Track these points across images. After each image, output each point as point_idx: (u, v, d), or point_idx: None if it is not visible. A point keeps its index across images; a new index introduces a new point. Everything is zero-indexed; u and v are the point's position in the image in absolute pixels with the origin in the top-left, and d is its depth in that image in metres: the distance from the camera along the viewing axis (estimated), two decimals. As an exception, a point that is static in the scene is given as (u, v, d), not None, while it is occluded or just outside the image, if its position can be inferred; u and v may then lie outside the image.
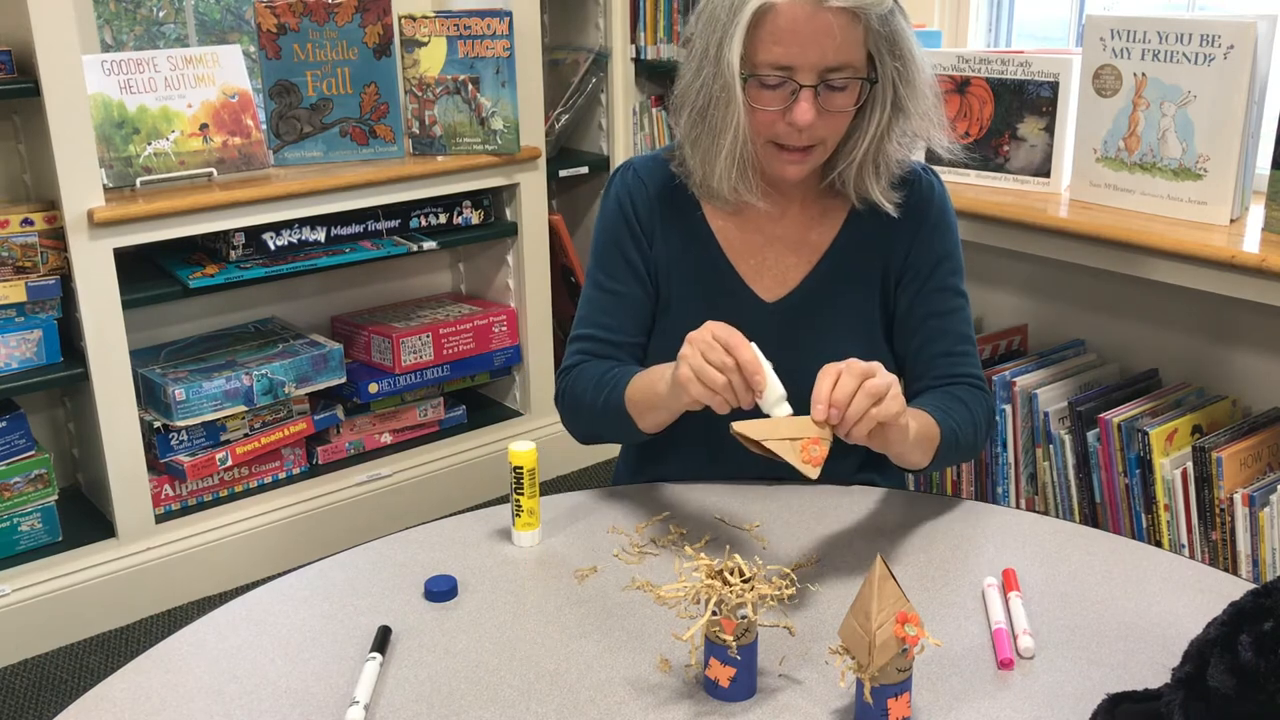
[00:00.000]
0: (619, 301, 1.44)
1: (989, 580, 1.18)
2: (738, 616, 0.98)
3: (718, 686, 1.01)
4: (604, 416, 1.37)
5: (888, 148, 1.36)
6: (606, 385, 1.37)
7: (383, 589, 1.20)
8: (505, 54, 2.62)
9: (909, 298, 1.43)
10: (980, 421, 1.40)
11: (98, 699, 1.04)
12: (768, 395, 1.15)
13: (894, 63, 1.30)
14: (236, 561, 2.53)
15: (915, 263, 1.43)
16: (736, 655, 0.99)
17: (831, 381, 1.12)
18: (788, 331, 1.42)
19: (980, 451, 1.90)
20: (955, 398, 1.39)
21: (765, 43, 1.26)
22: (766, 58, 1.26)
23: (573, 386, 1.42)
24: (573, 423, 1.45)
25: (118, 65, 2.35)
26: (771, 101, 1.29)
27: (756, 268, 1.43)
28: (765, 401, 1.15)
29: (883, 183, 1.38)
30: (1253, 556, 1.91)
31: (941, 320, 1.43)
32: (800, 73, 1.26)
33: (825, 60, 1.26)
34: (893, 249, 1.43)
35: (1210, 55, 1.91)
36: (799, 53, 1.25)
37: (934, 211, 1.44)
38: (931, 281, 1.43)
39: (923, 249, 1.42)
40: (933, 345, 1.43)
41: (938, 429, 1.29)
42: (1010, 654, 1.06)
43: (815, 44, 1.25)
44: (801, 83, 1.27)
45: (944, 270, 1.43)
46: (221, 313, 2.72)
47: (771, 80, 1.27)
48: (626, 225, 1.44)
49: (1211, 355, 2.20)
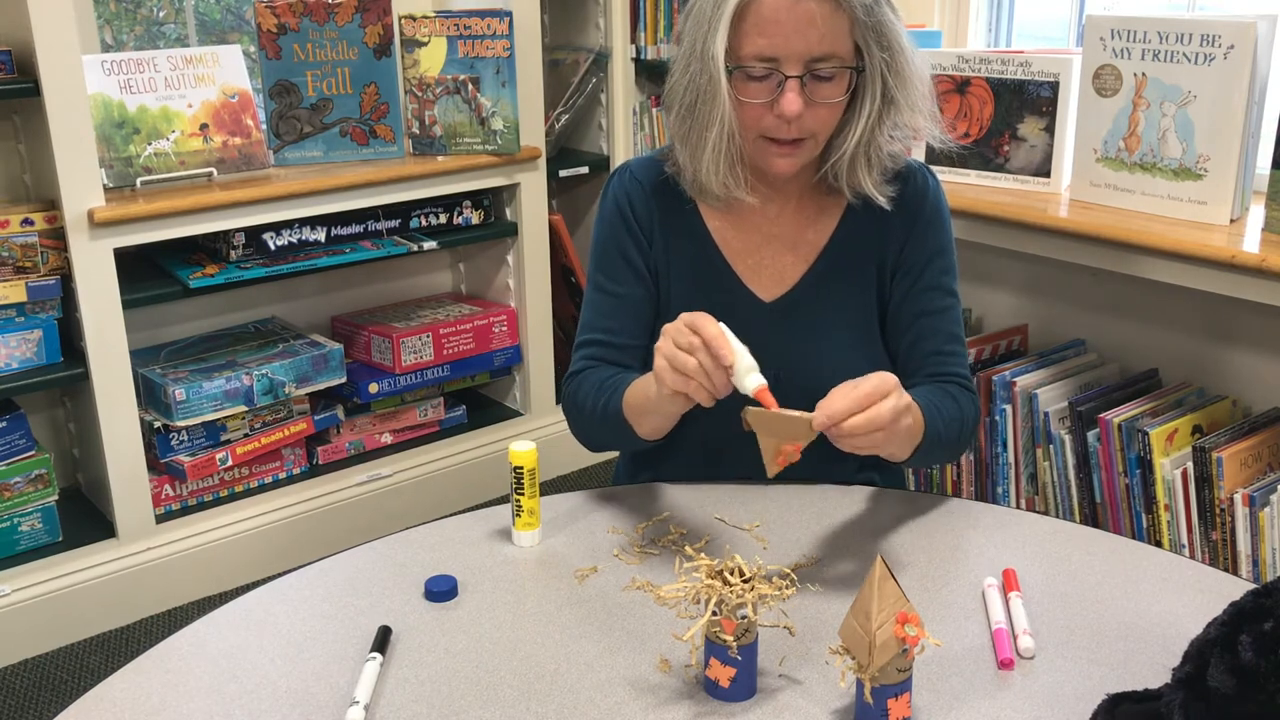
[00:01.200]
0: (621, 304, 1.44)
1: (989, 580, 1.18)
2: (738, 616, 0.98)
3: (718, 687, 1.01)
4: (604, 423, 1.37)
5: (879, 139, 1.35)
6: (606, 392, 1.37)
7: (383, 589, 1.20)
8: (505, 54, 2.63)
9: (901, 294, 1.43)
10: (968, 421, 1.40)
11: (98, 699, 1.04)
12: (737, 366, 1.14)
13: (882, 54, 1.30)
14: (236, 561, 2.53)
15: (909, 258, 1.43)
16: (737, 655, 0.99)
17: (845, 401, 1.12)
18: (786, 330, 1.42)
19: (963, 454, 1.91)
20: (948, 394, 1.39)
21: (750, 34, 1.26)
22: (751, 49, 1.27)
23: (575, 393, 1.43)
24: (577, 429, 1.45)
25: (118, 65, 2.35)
26: (759, 94, 1.29)
27: (754, 267, 1.43)
28: (736, 374, 1.14)
29: (874, 175, 1.38)
30: (1253, 556, 1.91)
31: (932, 319, 1.43)
32: (786, 64, 1.26)
33: (810, 50, 1.26)
34: (888, 244, 1.43)
35: (1210, 55, 1.91)
36: (783, 43, 1.25)
37: (929, 208, 1.44)
38: (923, 279, 1.43)
39: (917, 245, 1.43)
40: (923, 344, 1.43)
41: (923, 426, 1.30)
42: (1011, 654, 1.06)
43: (799, 34, 1.25)
44: (787, 73, 1.27)
45: (936, 268, 1.43)
46: (221, 313, 2.72)
47: (757, 72, 1.27)
48: (625, 225, 1.44)
49: (1211, 355, 2.20)
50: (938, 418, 1.32)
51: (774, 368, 1.40)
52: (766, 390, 1.13)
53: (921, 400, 1.32)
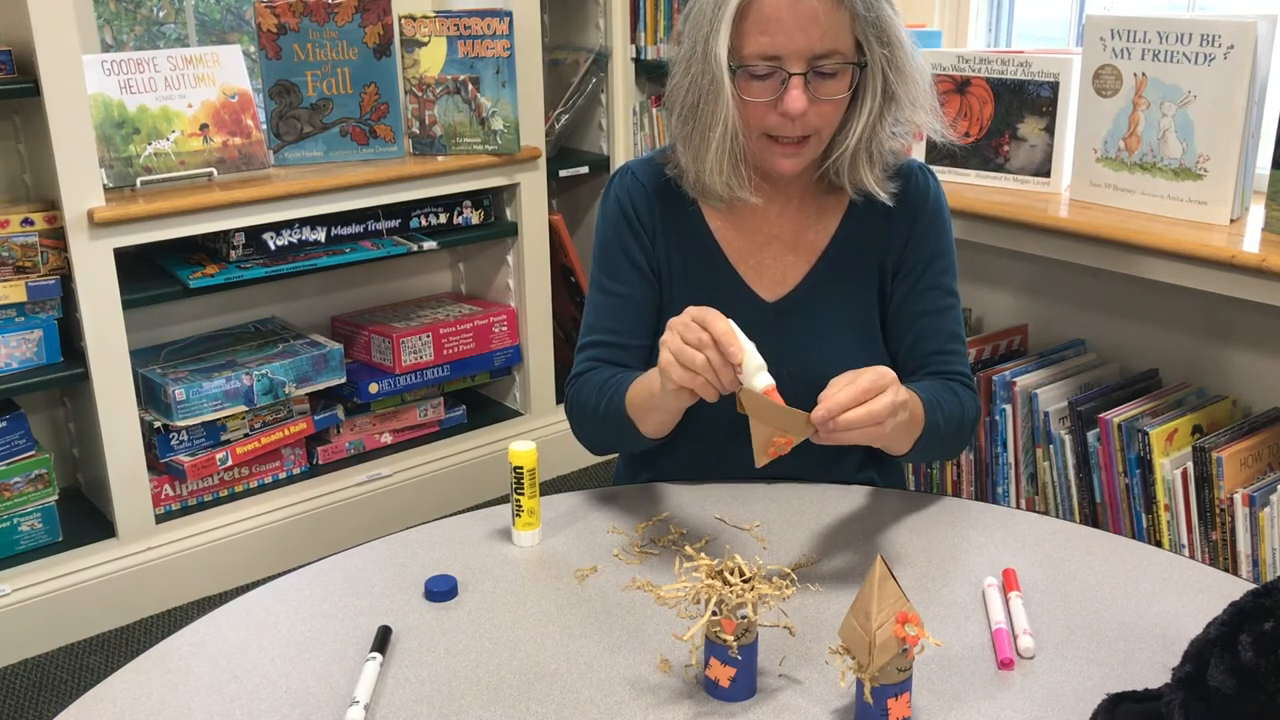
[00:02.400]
0: (624, 304, 1.44)
1: (989, 580, 1.18)
2: (738, 616, 0.98)
3: (718, 686, 1.01)
4: (606, 422, 1.37)
5: (880, 136, 1.36)
6: (608, 391, 1.37)
7: (383, 589, 1.20)
8: (505, 54, 2.63)
9: (902, 294, 1.44)
10: (968, 417, 1.40)
11: (98, 699, 1.04)
12: (746, 365, 1.14)
13: (882, 49, 1.30)
14: (236, 561, 2.53)
15: (910, 258, 1.43)
16: (737, 655, 0.99)
17: (844, 394, 1.12)
18: (789, 330, 1.42)
19: (963, 450, 1.91)
20: (949, 388, 1.39)
21: (752, 34, 1.26)
22: (754, 49, 1.27)
23: (578, 394, 1.43)
24: (580, 431, 1.45)
25: (118, 65, 2.35)
26: (762, 93, 1.29)
27: (756, 267, 1.43)
28: (745, 372, 1.14)
29: (876, 171, 1.38)
30: (1253, 556, 1.91)
31: (933, 319, 1.43)
32: (789, 61, 1.27)
33: (812, 47, 1.26)
34: (889, 244, 1.43)
35: (1210, 55, 1.91)
36: (785, 40, 1.25)
37: (929, 208, 1.44)
38: (925, 279, 1.43)
39: (918, 245, 1.43)
40: (925, 343, 1.43)
41: (923, 419, 1.30)
42: (1011, 654, 1.06)
43: (801, 30, 1.25)
44: (791, 71, 1.27)
45: (936, 268, 1.43)
46: (221, 313, 2.72)
47: (761, 70, 1.28)
48: (628, 224, 1.44)
49: (1211, 355, 2.20)
50: (938, 411, 1.33)
51: (776, 368, 1.40)
52: (775, 390, 1.13)
53: (923, 394, 1.32)
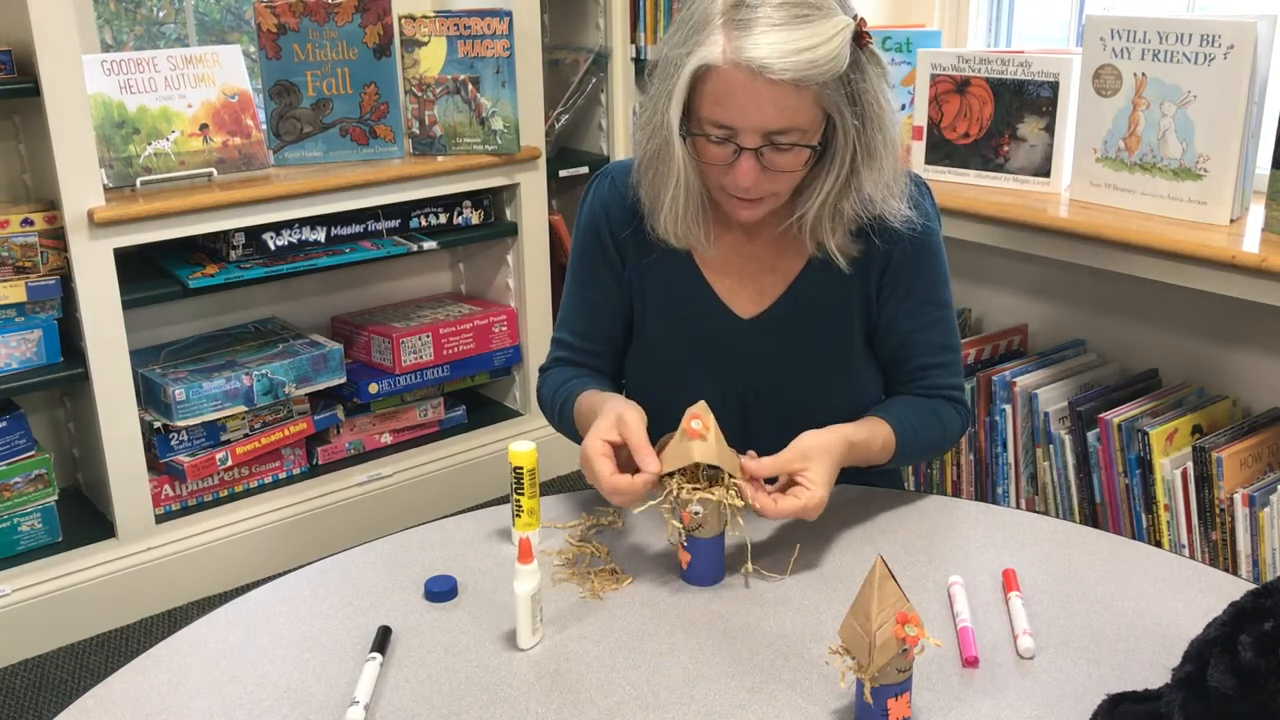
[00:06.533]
0: (590, 310, 1.46)
1: (954, 579, 1.18)
2: (691, 511, 1.16)
3: (681, 569, 1.21)
4: (561, 424, 1.45)
5: (843, 205, 1.30)
6: (561, 397, 1.43)
7: (383, 589, 1.20)
8: (505, 54, 2.62)
9: (890, 312, 1.40)
10: (950, 437, 1.42)
11: (98, 699, 1.04)
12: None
13: (855, 121, 1.24)
14: (236, 561, 2.53)
15: (896, 277, 1.39)
16: (684, 542, 1.19)
17: (784, 501, 1.19)
18: (764, 347, 1.39)
19: (944, 454, 1.96)
20: (932, 410, 1.40)
21: (708, 100, 1.22)
22: (709, 115, 1.23)
23: (542, 386, 1.50)
24: (547, 419, 1.51)
25: (118, 65, 2.35)
26: (717, 157, 1.25)
27: (733, 286, 1.40)
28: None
29: (838, 236, 1.33)
30: (1253, 556, 1.92)
31: (921, 334, 1.40)
32: (742, 135, 1.22)
33: (767, 124, 1.21)
34: (870, 265, 1.38)
35: (1210, 55, 1.91)
36: (739, 115, 1.21)
37: (918, 227, 1.37)
38: (912, 297, 1.39)
39: (904, 264, 1.38)
40: (914, 359, 1.41)
41: (894, 448, 1.34)
42: (975, 652, 1.07)
43: (756, 109, 1.20)
44: (743, 145, 1.22)
45: (925, 283, 1.39)
46: (221, 313, 2.72)
47: (715, 136, 1.24)
48: (600, 242, 1.44)
49: (1211, 355, 2.20)
50: (914, 442, 1.36)
51: (752, 384, 1.40)
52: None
53: (897, 425, 1.34)
